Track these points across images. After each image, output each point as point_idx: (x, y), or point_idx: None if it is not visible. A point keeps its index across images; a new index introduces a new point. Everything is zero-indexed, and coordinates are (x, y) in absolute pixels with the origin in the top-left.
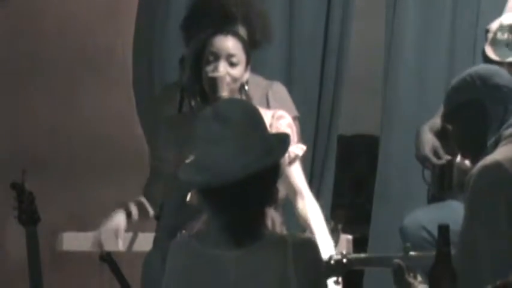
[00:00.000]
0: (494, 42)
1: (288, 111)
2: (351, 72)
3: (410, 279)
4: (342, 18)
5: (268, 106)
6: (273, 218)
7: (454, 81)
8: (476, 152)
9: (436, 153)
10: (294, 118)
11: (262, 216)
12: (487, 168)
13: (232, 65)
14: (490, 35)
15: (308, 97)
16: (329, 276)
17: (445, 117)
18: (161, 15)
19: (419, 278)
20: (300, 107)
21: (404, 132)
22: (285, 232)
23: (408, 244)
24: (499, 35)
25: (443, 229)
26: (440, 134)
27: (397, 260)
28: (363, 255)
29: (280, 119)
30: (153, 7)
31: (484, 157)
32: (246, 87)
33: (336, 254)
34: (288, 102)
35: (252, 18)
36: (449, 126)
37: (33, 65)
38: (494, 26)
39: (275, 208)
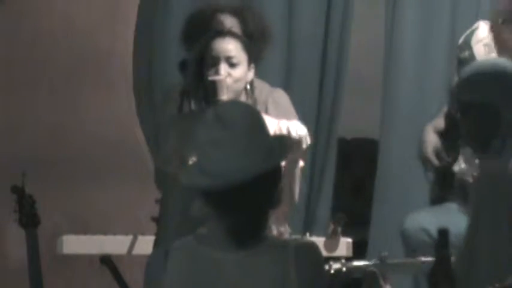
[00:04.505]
0: (459, 62)
1: (289, 118)
2: (350, 75)
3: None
4: (341, 20)
5: (266, 113)
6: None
7: (467, 73)
8: (481, 148)
9: (438, 155)
10: None
11: (264, 218)
12: (492, 174)
13: (232, 66)
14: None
15: (307, 100)
16: (329, 284)
17: (455, 109)
18: (161, 17)
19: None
20: (299, 109)
21: (404, 135)
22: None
23: (385, 253)
24: (458, 52)
25: (443, 232)
26: (444, 135)
27: (371, 268)
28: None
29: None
30: (153, 9)
31: (489, 156)
32: (248, 87)
33: (335, 263)
34: (289, 110)
35: (243, 10)
36: (457, 116)
37: (34, 66)
38: (460, 41)
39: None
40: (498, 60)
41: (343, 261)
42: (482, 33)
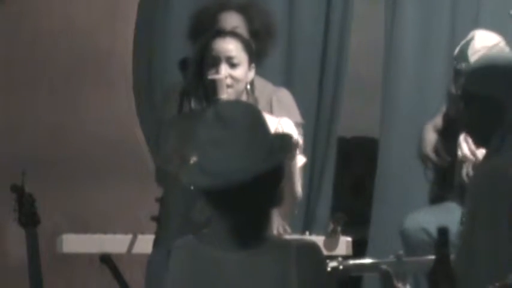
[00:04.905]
0: (455, 73)
1: (292, 117)
2: (350, 75)
3: (400, 285)
4: (341, 20)
5: (271, 112)
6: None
7: (478, 64)
8: (482, 141)
9: (437, 153)
10: (297, 124)
11: (266, 218)
12: (490, 170)
13: (233, 66)
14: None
15: (307, 99)
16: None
17: (460, 99)
18: (161, 16)
19: (407, 287)
20: (299, 108)
21: (404, 134)
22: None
23: (401, 251)
24: (455, 63)
25: (443, 231)
26: (443, 133)
27: (384, 267)
28: (358, 261)
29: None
30: (153, 8)
31: (488, 148)
32: (249, 87)
33: (332, 261)
34: (293, 108)
35: (248, 7)
36: (461, 105)
37: (34, 66)
38: (456, 52)
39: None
40: (509, 56)
41: (339, 259)
42: (478, 43)
